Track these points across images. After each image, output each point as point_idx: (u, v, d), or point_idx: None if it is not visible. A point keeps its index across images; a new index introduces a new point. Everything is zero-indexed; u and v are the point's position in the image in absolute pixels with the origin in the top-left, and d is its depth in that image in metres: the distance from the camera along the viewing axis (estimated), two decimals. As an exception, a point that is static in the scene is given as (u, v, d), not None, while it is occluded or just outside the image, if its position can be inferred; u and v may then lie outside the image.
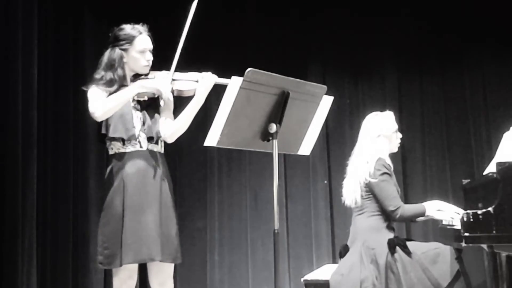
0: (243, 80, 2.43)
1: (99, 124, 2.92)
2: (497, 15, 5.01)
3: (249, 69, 2.43)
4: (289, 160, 5.15)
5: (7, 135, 3.91)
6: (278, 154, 2.56)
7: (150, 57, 2.96)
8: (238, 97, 2.45)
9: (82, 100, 4.52)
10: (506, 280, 3.51)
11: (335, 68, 5.33)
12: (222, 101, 2.49)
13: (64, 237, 4.45)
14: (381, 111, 3.76)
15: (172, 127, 2.92)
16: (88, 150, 4.69)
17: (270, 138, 2.57)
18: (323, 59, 5.35)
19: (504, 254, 3.46)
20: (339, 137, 5.20)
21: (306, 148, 2.85)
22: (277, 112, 2.57)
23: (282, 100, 2.56)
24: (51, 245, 4.35)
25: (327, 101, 2.81)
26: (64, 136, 4.53)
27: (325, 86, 2.76)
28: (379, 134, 3.59)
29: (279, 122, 2.56)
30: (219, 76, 2.89)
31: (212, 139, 2.48)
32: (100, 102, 2.84)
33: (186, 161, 5.15)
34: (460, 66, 5.22)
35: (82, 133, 4.65)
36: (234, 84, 2.44)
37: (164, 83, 2.82)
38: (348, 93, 5.30)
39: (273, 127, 2.55)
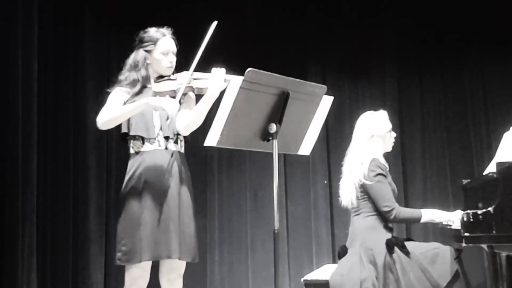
0: (243, 80, 2.43)
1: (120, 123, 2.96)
2: (497, 15, 5.01)
3: (249, 69, 2.43)
4: (289, 160, 5.15)
5: (7, 135, 3.91)
6: (278, 154, 2.56)
7: (173, 59, 3.01)
8: (238, 97, 2.45)
9: (82, 100, 4.59)
10: (506, 280, 3.51)
11: (335, 68, 5.33)
12: (222, 101, 2.49)
13: (64, 237, 4.45)
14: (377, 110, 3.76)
15: (186, 120, 2.94)
16: (88, 150, 4.70)
17: (270, 138, 2.57)
18: (323, 59, 5.35)
19: (504, 254, 3.46)
20: (339, 137, 5.19)
21: (306, 148, 2.85)
22: (277, 112, 2.56)
23: (282, 100, 2.56)
24: (51, 245, 4.35)
25: (327, 101, 2.81)
26: (64, 136, 4.53)
27: (325, 86, 2.76)
28: (373, 134, 3.58)
29: (279, 122, 2.56)
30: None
31: (212, 139, 2.48)
32: (106, 111, 2.88)
33: (186, 161, 5.14)
34: (460, 66, 5.22)
35: (82, 133, 4.65)
36: (234, 84, 2.44)
37: (171, 103, 2.82)
38: (348, 93, 5.30)
39: (273, 127, 2.55)
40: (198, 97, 3.00)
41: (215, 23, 2.81)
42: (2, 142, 3.90)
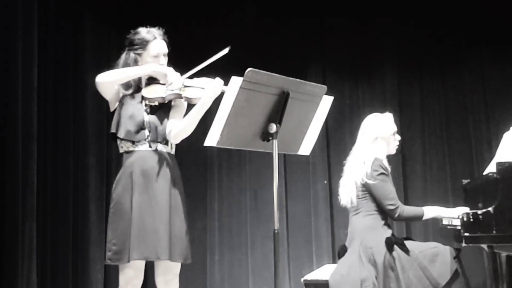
0: (243, 80, 2.43)
1: (110, 123, 2.97)
2: (497, 15, 5.01)
3: (249, 69, 2.43)
4: (289, 160, 5.15)
5: (7, 134, 3.90)
6: (278, 154, 2.56)
7: (163, 62, 3.00)
8: (238, 97, 2.45)
9: (82, 100, 4.59)
10: (506, 280, 3.51)
11: (335, 68, 5.33)
12: (222, 101, 2.49)
13: (64, 237, 4.45)
14: (381, 111, 3.77)
15: (176, 128, 2.94)
16: (88, 150, 4.70)
17: (270, 138, 2.57)
18: (323, 59, 5.35)
19: (504, 254, 3.46)
20: (339, 137, 5.20)
21: (306, 148, 2.85)
22: (277, 112, 2.57)
23: (282, 100, 2.57)
24: (51, 245, 4.35)
25: (327, 101, 2.81)
26: (64, 136, 4.53)
27: (325, 86, 2.76)
28: (377, 136, 3.60)
29: (279, 122, 2.56)
30: (222, 77, 2.89)
31: (212, 139, 2.48)
32: (107, 72, 2.89)
33: (186, 161, 5.14)
34: (460, 66, 5.22)
35: (82, 133, 4.65)
36: (234, 84, 2.44)
37: (176, 74, 2.86)
38: (348, 93, 5.30)
39: (273, 127, 2.55)
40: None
41: (227, 49, 2.80)
42: (2, 142, 3.89)
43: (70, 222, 4.50)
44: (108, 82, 2.89)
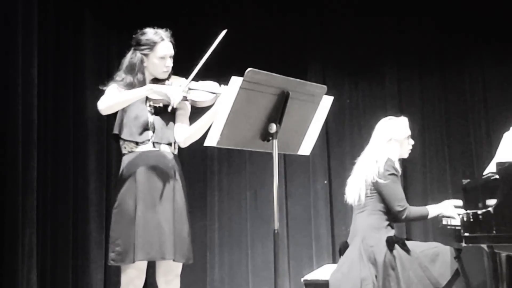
0: (243, 80, 2.43)
1: (113, 123, 2.98)
2: (497, 14, 5.01)
3: (249, 69, 2.43)
4: (289, 160, 5.15)
5: (7, 136, 3.90)
6: (278, 154, 2.56)
7: (170, 64, 3.00)
8: (238, 97, 2.45)
9: (82, 101, 4.59)
10: (506, 280, 3.51)
11: (335, 68, 5.33)
12: (222, 101, 2.49)
13: (64, 237, 4.45)
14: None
15: (186, 133, 2.95)
16: (88, 150, 4.70)
17: (270, 138, 2.57)
18: (323, 59, 5.35)
19: (504, 254, 3.46)
20: (339, 137, 5.20)
21: (306, 148, 2.85)
22: (277, 112, 2.57)
23: (282, 100, 2.57)
24: (51, 245, 4.35)
25: (327, 101, 2.81)
26: (64, 136, 4.53)
27: (325, 86, 2.76)
28: (391, 138, 3.63)
29: (279, 122, 2.56)
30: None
31: (212, 139, 2.48)
32: (107, 97, 2.88)
33: (186, 161, 5.13)
34: (460, 66, 5.22)
35: (82, 133, 4.65)
36: (234, 84, 2.44)
37: (175, 91, 2.84)
38: (348, 93, 5.30)
39: (273, 127, 2.55)
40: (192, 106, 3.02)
41: (224, 32, 2.80)
42: (2, 143, 3.90)
43: (70, 223, 4.50)
44: (109, 109, 2.88)
